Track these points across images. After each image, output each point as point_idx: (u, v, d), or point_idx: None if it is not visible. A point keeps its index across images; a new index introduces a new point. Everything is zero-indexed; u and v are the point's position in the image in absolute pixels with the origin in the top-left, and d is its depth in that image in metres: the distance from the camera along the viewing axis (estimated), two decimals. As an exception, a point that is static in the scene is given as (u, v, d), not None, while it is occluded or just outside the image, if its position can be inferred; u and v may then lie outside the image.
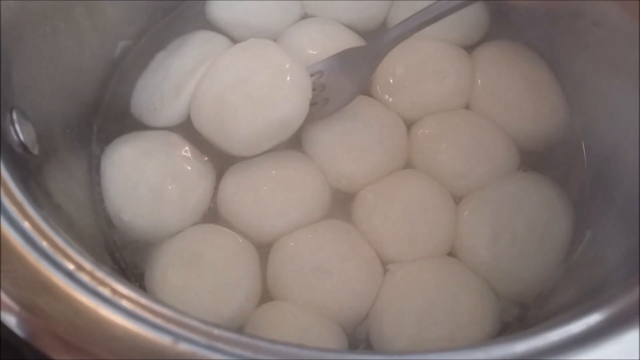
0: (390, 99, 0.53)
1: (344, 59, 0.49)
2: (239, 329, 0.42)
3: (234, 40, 0.56)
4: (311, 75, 0.49)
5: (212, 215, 0.49)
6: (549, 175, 0.49)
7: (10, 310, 0.22)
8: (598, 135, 0.49)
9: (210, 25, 0.58)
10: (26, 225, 0.25)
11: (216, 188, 0.50)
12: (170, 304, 0.40)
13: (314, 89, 0.48)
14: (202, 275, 0.44)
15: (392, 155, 0.50)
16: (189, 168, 0.49)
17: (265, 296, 0.45)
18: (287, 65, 0.47)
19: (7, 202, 0.26)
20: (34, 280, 0.23)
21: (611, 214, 0.44)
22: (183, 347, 0.22)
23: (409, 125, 0.52)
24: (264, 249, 0.47)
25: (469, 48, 0.56)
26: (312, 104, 0.47)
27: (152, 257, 0.46)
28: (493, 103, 0.52)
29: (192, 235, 0.47)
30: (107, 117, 0.53)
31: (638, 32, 0.42)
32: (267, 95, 0.46)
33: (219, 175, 0.50)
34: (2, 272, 0.23)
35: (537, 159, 0.51)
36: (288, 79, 0.46)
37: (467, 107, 0.53)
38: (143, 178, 0.47)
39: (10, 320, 0.22)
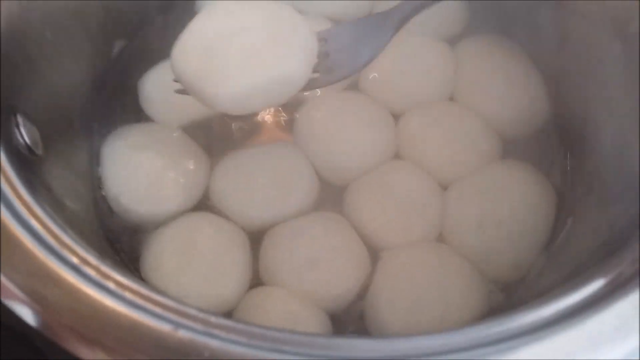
0: (378, 93, 0.54)
1: (351, 28, 0.46)
2: (230, 312, 0.44)
3: None
4: None
5: (206, 203, 0.51)
6: (532, 163, 0.50)
7: (22, 302, 0.24)
8: (578, 125, 0.50)
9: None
10: (34, 223, 0.27)
11: (210, 177, 0.51)
12: (165, 287, 0.44)
13: (317, 56, 0.44)
14: (195, 260, 0.46)
15: (381, 147, 0.52)
16: (185, 158, 0.51)
17: (256, 282, 0.47)
18: (295, 21, 0.43)
19: (16, 202, 0.28)
20: (44, 275, 0.25)
21: (590, 203, 0.45)
22: (182, 333, 0.24)
23: (396, 117, 0.53)
24: (254, 236, 0.48)
25: (452, 41, 0.57)
26: (314, 71, 0.44)
27: (147, 244, 0.48)
28: (476, 95, 0.54)
29: (185, 222, 0.49)
30: (107, 112, 0.54)
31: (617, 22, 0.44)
32: (268, 49, 0.42)
33: (213, 165, 0.52)
34: (14, 268, 0.25)
35: (520, 148, 0.52)
36: (294, 35, 0.42)
37: (451, 98, 0.55)
38: (141, 165, 0.50)
39: (23, 312, 0.24)
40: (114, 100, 0.55)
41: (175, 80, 0.44)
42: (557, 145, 0.53)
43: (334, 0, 0.58)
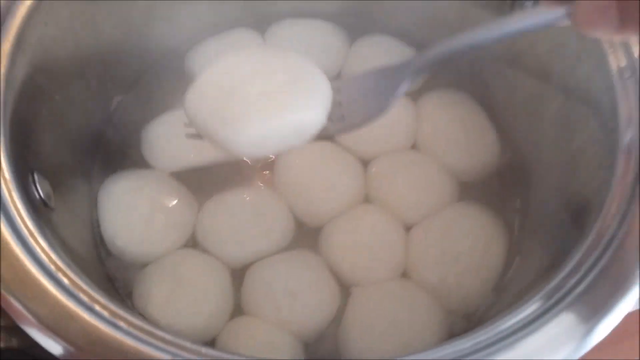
0: (348, 142, 0.59)
1: (364, 80, 0.45)
2: (214, 338, 0.49)
3: None
4: None
5: (193, 241, 0.55)
6: (486, 205, 0.55)
7: (47, 335, 0.29)
8: (525, 170, 0.55)
9: (188, 77, 0.63)
10: (52, 267, 0.32)
11: (197, 218, 0.55)
12: (155, 316, 0.48)
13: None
14: (181, 292, 0.50)
15: (352, 192, 0.56)
16: (175, 201, 0.55)
17: (238, 312, 0.51)
18: (312, 69, 0.44)
19: (36, 249, 0.33)
20: (64, 313, 0.30)
21: (534, 243, 0.50)
22: (178, 361, 0.29)
23: (365, 164, 0.58)
24: (236, 271, 0.53)
25: (414, 96, 0.62)
26: (328, 119, 0.43)
27: (139, 277, 0.52)
28: (435, 143, 0.58)
29: (173, 258, 0.53)
30: (104, 161, 0.59)
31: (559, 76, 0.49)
32: (286, 93, 0.42)
33: (200, 207, 0.56)
34: (37, 306, 0.30)
35: (476, 191, 0.57)
36: (312, 81, 0.43)
37: (413, 147, 0.59)
38: (135, 209, 0.54)
39: (48, 344, 0.29)
40: (111, 149, 0.60)
41: (187, 125, 0.45)
42: (508, 188, 0.57)
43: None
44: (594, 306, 0.31)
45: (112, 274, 0.54)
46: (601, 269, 0.32)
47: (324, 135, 0.44)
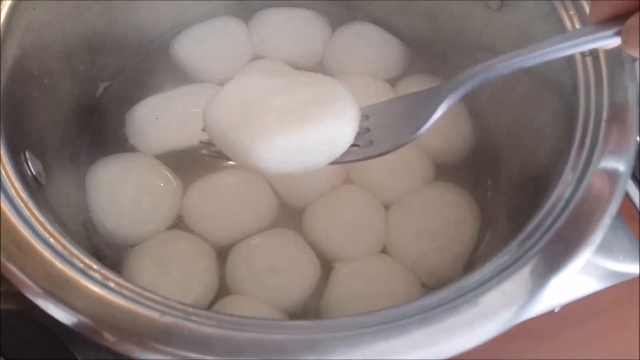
0: None
1: (395, 106, 0.43)
2: None
3: (195, 78, 0.64)
4: None
5: (179, 222, 0.56)
6: (460, 185, 0.58)
7: (45, 299, 0.31)
8: (495, 153, 0.58)
9: (174, 64, 0.65)
10: (48, 237, 0.34)
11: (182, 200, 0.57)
12: None
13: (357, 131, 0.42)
14: (169, 272, 0.51)
15: (334, 173, 0.58)
16: (161, 184, 0.57)
17: (225, 292, 0.53)
18: (338, 87, 0.42)
19: (32, 220, 0.35)
20: (61, 278, 0.32)
21: (501, 219, 0.53)
22: (167, 318, 0.31)
23: None
24: (221, 250, 0.55)
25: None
26: (355, 144, 0.41)
27: (128, 258, 0.53)
28: None
29: (161, 239, 0.54)
30: (92, 144, 0.61)
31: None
32: (312, 108, 0.39)
33: (185, 189, 0.57)
34: (36, 272, 0.33)
35: (450, 172, 0.60)
36: (339, 99, 0.41)
37: None
38: (122, 192, 0.55)
39: (46, 306, 0.31)
40: (97, 133, 0.61)
41: (203, 142, 0.45)
42: (480, 168, 0.60)
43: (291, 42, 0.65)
44: (548, 264, 0.33)
45: (101, 253, 0.55)
46: (556, 231, 0.35)
47: (350, 160, 0.41)
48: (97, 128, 0.62)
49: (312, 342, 0.31)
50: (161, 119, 0.60)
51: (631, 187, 0.67)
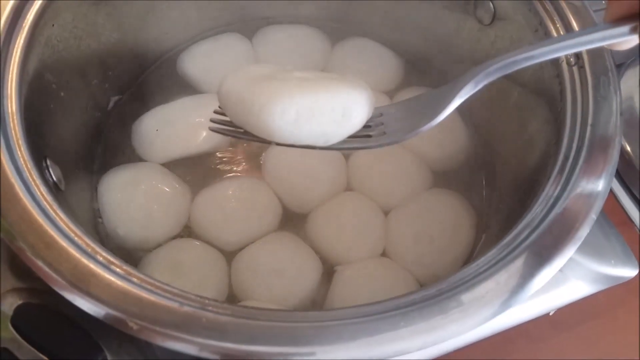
0: None
1: (408, 106, 0.43)
2: None
3: (201, 91, 0.66)
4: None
5: (189, 230, 0.58)
6: (456, 190, 0.60)
7: (72, 292, 0.34)
8: (491, 161, 0.61)
9: (182, 79, 0.68)
10: (71, 234, 0.36)
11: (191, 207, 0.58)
12: None
13: (369, 125, 0.42)
14: (181, 277, 0.53)
15: (335, 181, 0.61)
16: (169, 191, 0.58)
17: (232, 299, 0.54)
18: (359, 81, 0.43)
19: (57, 219, 0.37)
20: (87, 272, 0.35)
21: (496, 221, 0.55)
22: (186, 308, 0.33)
23: (346, 156, 0.62)
24: (230, 255, 0.56)
25: (390, 94, 0.66)
26: (368, 135, 0.42)
27: (141, 264, 0.55)
28: None
29: (172, 246, 0.56)
30: (104, 154, 0.63)
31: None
32: (329, 81, 0.40)
33: (193, 196, 0.59)
34: (63, 267, 0.35)
35: (447, 179, 0.62)
36: (359, 82, 0.42)
37: None
38: (133, 200, 0.57)
39: (73, 298, 0.34)
40: (108, 145, 0.64)
41: (216, 112, 0.44)
42: (476, 175, 0.62)
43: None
44: (538, 257, 0.36)
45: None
46: (545, 227, 0.38)
47: (363, 147, 0.42)
48: (108, 139, 0.64)
49: (319, 329, 0.33)
50: (166, 129, 0.62)
51: (621, 194, 0.69)
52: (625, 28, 0.35)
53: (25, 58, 0.46)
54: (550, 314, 0.59)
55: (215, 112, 0.44)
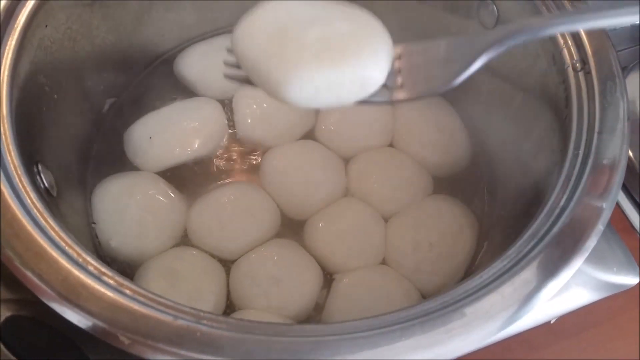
0: (329, 141, 0.62)
1: (428, 48, 0.40)
2: None
3: (197, 94, 0.65)
4: None
5: (185, 238, 0.57)
6: (457, 197, 0.59)
7: (61, 303, 0.33)
8: (492, 166, 0.60)
9: (178, 81, 0.67)
10: (61, 243, 0.35)
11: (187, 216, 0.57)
12: None
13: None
14: (177, 286, 0.52)
15: (334, 187, 0.60)
16: (165, 201, 0.57)
17: (231, 309, 0.53)
18: (374, 22, 0.40)
19: (47, 228, 0.36)
20: (77, 284, 0.33)
21: (498, 230, 0.54)
22: (180, 322, 0.32)
23: (345, 161, 0.62)
24: (229, 264, 0.55)
25: None
26: (383, 85, 0.39)
27: (137, 273, 0.54)
28: (411, 142, 0.62)
29: (169, 255, 0.55)
30: (98, 161, 0.61)
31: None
32: (348, 41, 0.37)
33: (189, 205, 0.58)
34: (52, 279, 0.34)
35: (448, 185, 0.61)
36: (374, 34, 0.39)
37: (390, 145, 0.63)
38: (127, 211, 0.55)
39: (63, 310, 0.32)
40: (103, 150, 0.62)
41: (227, 64, 0.42)
42: (477, 182, 0.62)
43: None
44: (545, 269, 0.35)
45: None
46: (552, 238, 0.36)
47: (379, 101, 0.39)
48: (103, 143, 0.63)
49: (317, 344, 0.32)
50: (158, 136, 0.61)
51: (623, 200, 0.69)
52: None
53: (17, 60, 0.45)
54: (552, 322, 0.58)
55: (226, 63, 0.42)
